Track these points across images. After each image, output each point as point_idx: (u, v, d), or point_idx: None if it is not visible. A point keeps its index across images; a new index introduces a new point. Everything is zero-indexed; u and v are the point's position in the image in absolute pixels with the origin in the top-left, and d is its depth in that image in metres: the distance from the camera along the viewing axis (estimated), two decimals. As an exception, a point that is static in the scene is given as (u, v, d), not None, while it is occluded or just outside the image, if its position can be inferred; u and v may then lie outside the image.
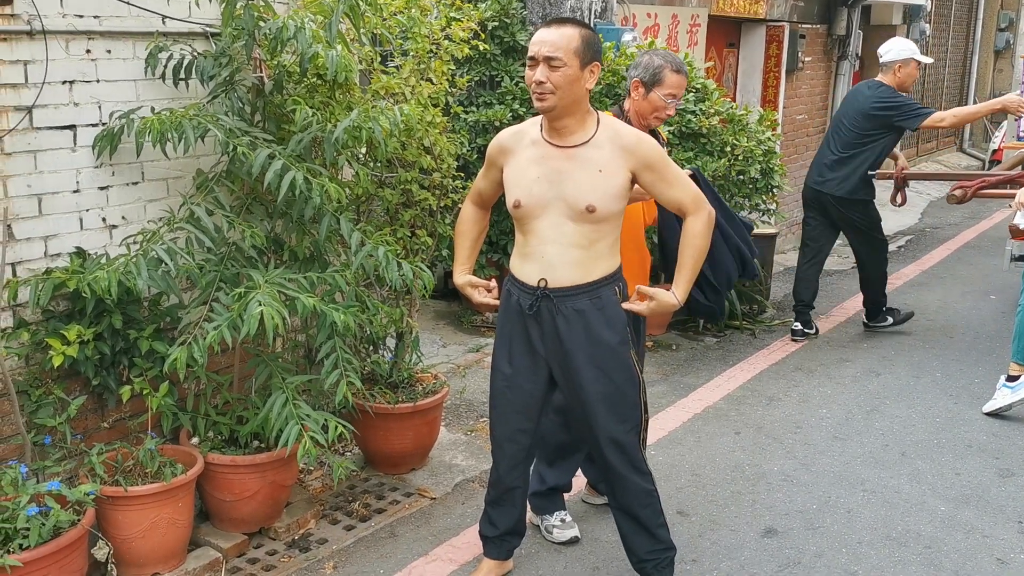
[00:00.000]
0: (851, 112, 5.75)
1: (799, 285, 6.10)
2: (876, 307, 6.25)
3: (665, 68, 3.31)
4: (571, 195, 2.78)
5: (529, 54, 2.77)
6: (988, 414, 4.77)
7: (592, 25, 5.77)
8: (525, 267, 2.90)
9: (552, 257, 2.83)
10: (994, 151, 9.07)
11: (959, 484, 4.05)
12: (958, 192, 5.15)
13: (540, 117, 2.87)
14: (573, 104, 2.76)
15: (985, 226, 10.25)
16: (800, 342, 6.03)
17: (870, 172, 5.64)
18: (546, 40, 2.71)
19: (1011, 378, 4.75)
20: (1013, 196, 4.89)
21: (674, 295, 2.89)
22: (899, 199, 5.72)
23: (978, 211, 10.85)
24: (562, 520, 3.53)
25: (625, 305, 2.90)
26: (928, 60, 5.89)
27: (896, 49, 5.70)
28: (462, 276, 3.13)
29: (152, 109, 3.27)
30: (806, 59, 8.95)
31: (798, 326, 6.08)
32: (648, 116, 3.36)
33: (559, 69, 2.69)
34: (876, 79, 5.82)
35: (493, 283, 3.08)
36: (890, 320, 6.25)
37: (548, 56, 2.70)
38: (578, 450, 3.50)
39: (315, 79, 3.48)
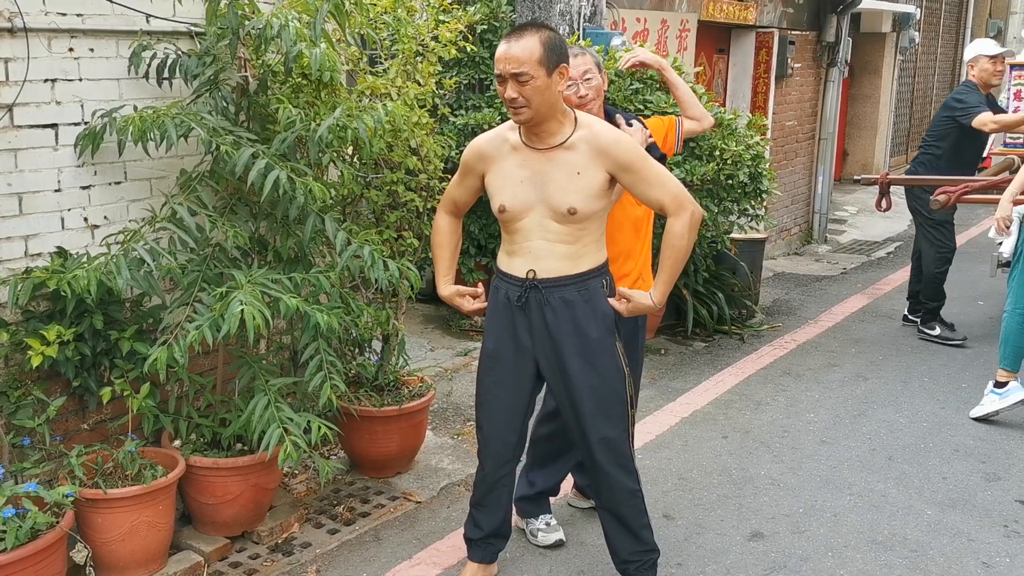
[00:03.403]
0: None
1: None
2: (927, 311, 6.31)
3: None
4: (553, 198, 2.78)
5: (496, 71, 2.74)
6: (975, 419, 4.77)
7: (581, 29, 5.77)
8: (513, 261, 2.90)
9: (539, 250, 2.84)
10: (983, 158, 9.11)
11: (945, 488, 4.05)
12: (941, 197, 5.16)
13: None
14: (549, 110, 2.75)
15: (973, 232, 10.28)
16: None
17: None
18: (509, 56, 2.69)
19: (999, 384, 4.75)
20: (997, 201, 4.90)
21: (651, 297, 2.88)
22: (884, 204, 5.73)
23: (966, 218, 10.87)
24: (547, 523, 3.52)
25: (608, 300, 2.90)
26: (996, 51, 5.89)
27: (968, 49, 6.05)
28: (447, 287, 3.10)
29: (135, 108, 3.24)
30: (796, 65, 8.97)
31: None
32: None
33: (527, 83, 2.68)
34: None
35: (480, 288, 3.07)
36: (937, 330, 6.25)
37: (514, 72, 2.68)
38: (568, 452, 3.49)
39: (300, 79, 3.46)
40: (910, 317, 6.58)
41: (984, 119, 5.75)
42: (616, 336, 2.93)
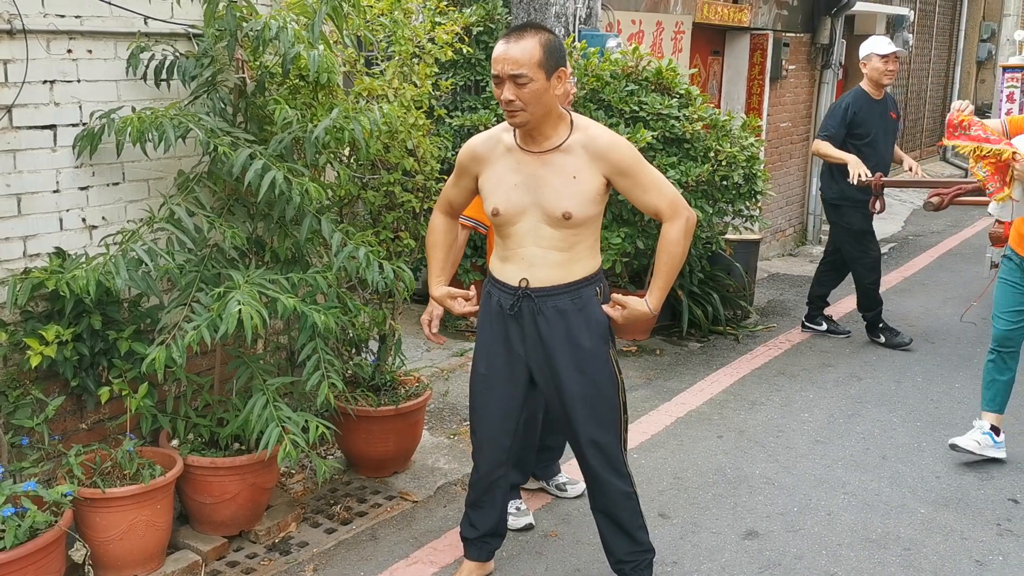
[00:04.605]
0: None
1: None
2: (868, 320, 6.23)
3: None
4: (547, 201, 2.78)
5: (493, 72, 2.71)
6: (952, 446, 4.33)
7: (576, 31, 5.79)
8: (506, 268, 2.90)
9: (532, 258, 2.83)
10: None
11: (939, 487, 4.08)
12: (935, 199, 5.18)
13: None
14: (546, 114, 2.74)
15: (967, 234, 10.33)
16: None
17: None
18: (508, 57, 2.65)
19: (995, 429, 4.32)
20: (989, 203, 4.90)
21: (647, 303, 2.88)
22: (878, 206, 5.75)
23: (960, 219, 10.94)
24: (517, 508, 3.60)
25: (603, 308, 2.90)
26: (888, 50, 5.79)
27: (862, 47, 5.95)
28: (439, 288, 3.08)
29: (133, 109, 3.26)
30: (790, 67, 9.01)
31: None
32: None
33: (526, 86, 2.65)
34: None
35: (472, 291, 3.08)
36: (882, 338, 6.16)
37: (513, 74, 2.65)
38: (532, 452, 3.66)
39: (297, 80, 3.48)
40: (808, 324, 6.48)
41: (817, 143, 5.84)
42: (610, 343, 2.93)
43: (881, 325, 6.19)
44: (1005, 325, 4.24)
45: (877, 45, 5.84)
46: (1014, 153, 3.71)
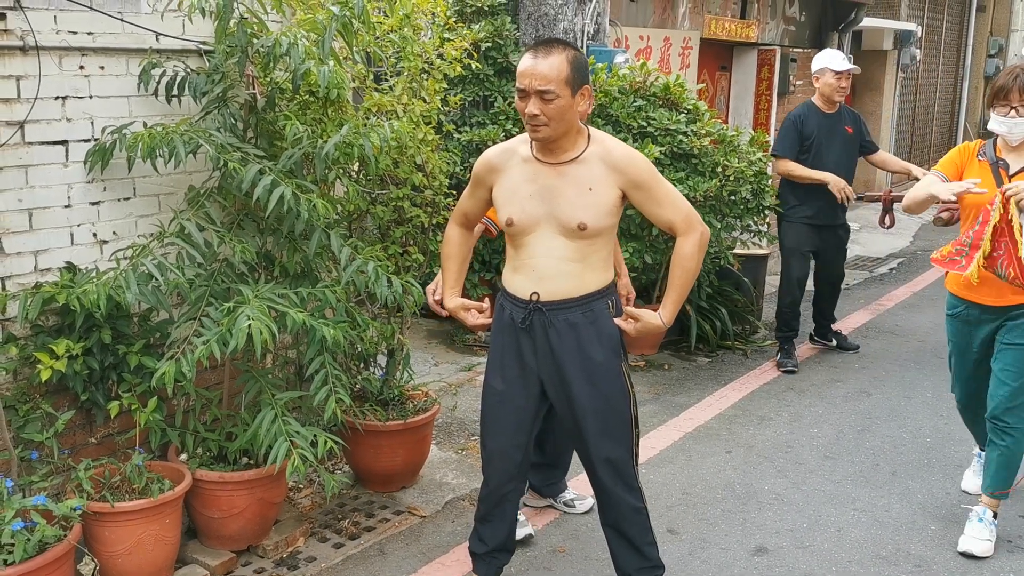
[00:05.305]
0: None
1: None
2: (776, 337, 6.10)
3: None
4: (563, 212, 2.79)
5: (519, 85, 2.72)
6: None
7: (585, 47, 5.82)
8: (517, 280, 2.91)
9: (544, 270, 2.84)
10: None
11: (949, 503, 4.05)
12: (944, 214, 5.17)
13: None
14: (567, 129, 2.76)
15: (976, 249, 10.29)
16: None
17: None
18: (536, 72, 2.67)
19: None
20: None
21: (660, 317, 2.89)
22: (887, 221, 5.74)
23: (969, 234, 10.89)
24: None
25: (615, 321, 2.91)
26: (843, 67, 5.63)
27: (815, 60, 5.78)
28: (453, 299, 3.10)
29: (145, 125, 3.29)
30: (797, 83, 9.04)
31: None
32: None
33: (552, 102, 2.67)
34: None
35: (485, 303, 3.09)
36: (778, 356, 5.99)
37: (540, 90, 2.66)
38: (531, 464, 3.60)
39: (307, 96, 3.51)
40: (817, 339, 6.42)
41: (782, 163, 5.65)
42: (622, 357, 2.93)
43: (787, 347, 6.00)
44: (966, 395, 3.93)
45: (832, 60, 5.65)
46: (1003, 200, 3.59)
